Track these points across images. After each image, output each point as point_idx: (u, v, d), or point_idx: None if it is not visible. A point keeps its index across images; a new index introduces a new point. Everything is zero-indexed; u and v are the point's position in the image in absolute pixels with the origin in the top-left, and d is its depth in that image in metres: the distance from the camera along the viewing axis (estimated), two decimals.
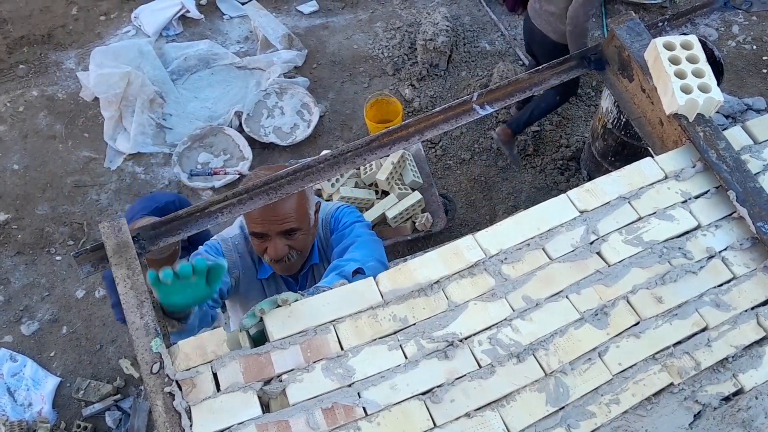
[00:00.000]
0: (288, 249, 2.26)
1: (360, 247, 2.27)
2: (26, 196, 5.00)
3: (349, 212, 2.47)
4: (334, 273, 2.10)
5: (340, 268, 2.12)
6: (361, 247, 2.27)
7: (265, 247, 2.26)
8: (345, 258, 2.21)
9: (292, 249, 2.27)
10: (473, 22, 5.71)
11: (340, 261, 2.19)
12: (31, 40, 5.79)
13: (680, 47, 2.11)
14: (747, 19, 5.56)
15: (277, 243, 2.23)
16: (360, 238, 2.32)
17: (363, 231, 2.37)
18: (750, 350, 1.82)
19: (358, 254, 2.22)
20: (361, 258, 2.19)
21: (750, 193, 1.95)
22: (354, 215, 2.45)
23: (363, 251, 2.25)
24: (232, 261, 2.40)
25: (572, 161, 4.90)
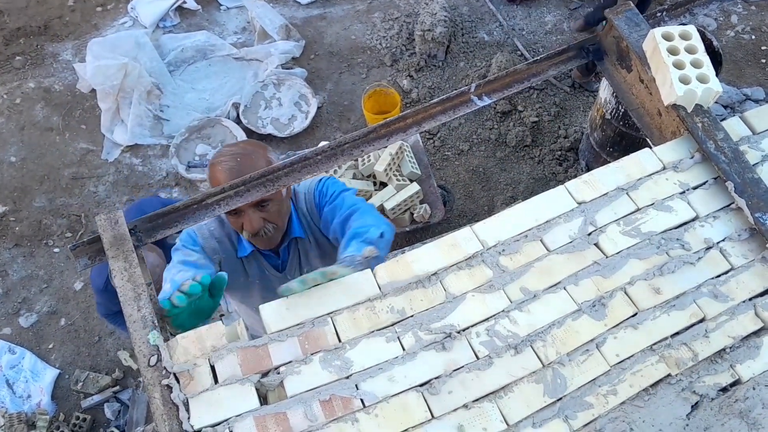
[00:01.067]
0: (263, 222, 2.26)
1: (365, 213, 2.27)
2: (24, 189, 4.99)
3: (333, 182, 2.46)
4: (358, 240, 2.09)
5: (361, 235, 2.12)
6: (366, 214, 2.26)
7: (241, 223, 2.27)
8: (358, 225, 2.19)
9: (267, 222, 2.28)
10: (471, 12, 5.69)
11: (357, 229, 2.17)
12: (27, 32, 5.77)
13: (678, 37, 2.10)
14: (746, 9, 5.55)
15: (251, 216, 2.23)
16: (358, 206, 2.31)
17: (357, 199, 2.38)
18: (748, 341, 1.82)
19: (369, 219, 2.22)
20: (375, 222, 2.20)
21: (748, 184, 1.95)
22: (338, 184, 2.44)
23: (370, 217, 2.25)
24: (211, 247, 2.41)
25: (570, 152, 4.89)
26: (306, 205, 2.47)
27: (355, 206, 2.30)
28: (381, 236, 2.12)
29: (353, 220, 2.24)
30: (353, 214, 2.27)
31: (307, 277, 1.80)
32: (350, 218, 2.26)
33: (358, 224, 2.19)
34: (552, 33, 5.54)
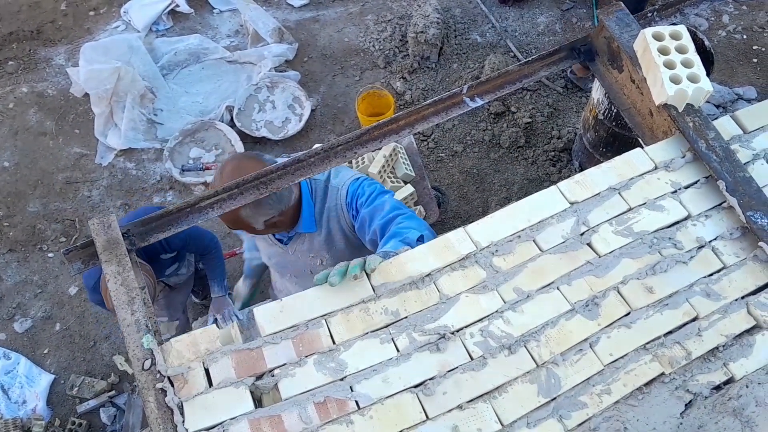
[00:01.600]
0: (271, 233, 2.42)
1: (409, 218, 2.27)
2: (17, 194, 4.98)
3: (370, 183, 2.46)
4: (397, 240, 2.11)
5: (401, 235, 2.13)
6: (410, 218, 2.27)
7: None
8: (400, 227, 2.20)
9: (274, 229, 2.43)
10: (464, 14, 5.70)
11: (399, 229, 2.18)
12: (20, 36, 5.75)
13: (669, 37, 2.11)
14: (737, 8, 5.57)
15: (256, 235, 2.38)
16: (402, 210, 2.31)
17: (399, 203, 2.38)
18: (740, 339, 1.83)
19: (413, 223, 2.23)
20: (417, 227, 2.20)
21: (739, 183, 1.96)
22: (376, 186, 2.45)
23: (414, 221, 2.25)
24: None
25: (564, 153, 4.90)
26: (336, 201, 2.47)
27: (399, 210, 2.30)
28: (420, 239, 2.12)
29: (396, 223, 2.24)
30: (397, 217, 2.27)
31: (348, 269, 1.81)
32: (393, 221, 2.26)
33: (400, 227, 2.20)
34: (544, 34, 5.55)
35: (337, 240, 2.51)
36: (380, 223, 2.29)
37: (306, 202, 2.45)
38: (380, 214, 2.31)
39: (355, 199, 2.42)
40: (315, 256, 2.53)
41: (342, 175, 2.51)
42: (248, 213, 2.24)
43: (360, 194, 2.41)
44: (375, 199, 2.37)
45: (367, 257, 1.83)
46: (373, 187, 2.42)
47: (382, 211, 2.31)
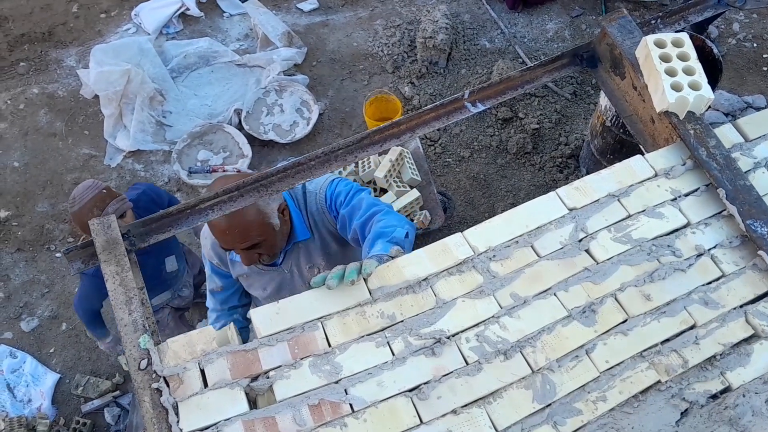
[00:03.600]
0: (257, 256, 2.36)
1: (387, 214, 2.29)
2: (26, 194, 5.02)
3: (345, 183, 2.48)
4: (384, 240, 2.12)
5: (387, 235, 2.15)
6: (388, 214, 2.29)
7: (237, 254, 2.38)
8: (383, 225, 2.21)
9: (261, 254, 2.37)
10: (473, 19, 5.71)
11: (383, 228, 2.19)
12: (31, 38, 5.81)
13: (671, 45, 2.11)
14: (747, 16, 5.55)
15: (243, 256, 2.34)
16: (380, 206, 2.33)
17: (375, 199, 2.40)
18: (738, 348, 1.82)
19: (393, 220, 2.25)
20: (398, 222, 2.23)
21: (740, 191, 1.95)
22: (351, 185, 2.47)
23: (393, 217, 2.27)
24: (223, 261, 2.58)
25: (571, 159, 4.89)
26: (316, 205, 2.49)
27: (376, 207, 2.33)
28: (406, 236, 2.16)
29: (376, 221, 2.26)
30: (376, 214, 2.29)
31: (345, 277, 1.81)
32: (372, 218, 2.28)
33: (382, 224, 2.21)
34: (553, 41, 5.55)
35: (330, 243, 2.53)
36: (359, 222, 2.31)
37: (293, 211, 2.47)
38: (358, 212, 2.34)
39: (334, 200, 2.44)
40: (312, 266, 2.53)
41: (316, 179, 2.50)
42: (259, 205, 2.24)
43: (337, 194, 2.44)
44: (352, 198, 2.40)
45: (363, 261, 1.83)
46: (348, 187, 2.45)
47: (359, 209, 2.34)
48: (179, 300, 3.79)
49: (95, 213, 2.97)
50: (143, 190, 3.44)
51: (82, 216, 2.98)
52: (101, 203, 3.00)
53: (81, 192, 3.02)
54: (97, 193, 3.01)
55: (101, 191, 3.03)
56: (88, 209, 2.98)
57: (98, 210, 2.98)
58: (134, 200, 3.23)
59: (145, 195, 3.40)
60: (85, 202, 2.98)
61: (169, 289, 3.67)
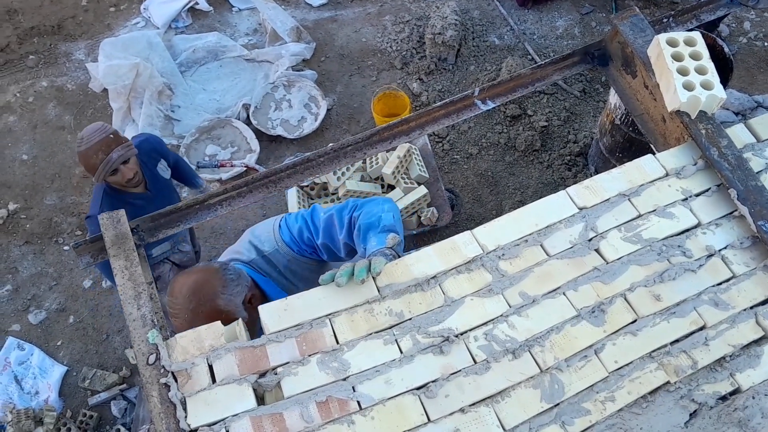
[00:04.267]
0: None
1: (362, 207, 2.14)
2: (35, 187, 5.03)
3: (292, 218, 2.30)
4: (375, 232, 2.02)
5: (375, 226, 2.04)
6: (363, 206, 2.14)
7: None
8: (366, 219, 2.07)
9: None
10: (482, 16, 5.69)
11: (368, 220, 2.07)
12: (41, 31, 5.82)
13: (683, 43, 2.10)
14: (759, 15, 5.51)
15: None
16: (348, 208, 2.17)
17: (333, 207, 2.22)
18: (748, 350, 1.81)
19: (371, 208, 2.11)
20: (378, 209, 2.09)
21: (751, 192, 1.94)
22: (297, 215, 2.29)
23: (370, 205, 2.13)
24: None
25: (580, 157, 4.87)
26: (285, 258, 2.30)
27: (345, 211, 2.17)
28: (394, 218, 2.07)
29: (357, 219, 2.12)
30: (351, 217, 2.15)
31: (356, 276, 1.79)
32: (352, 220, 2.14)
33: (364, 218, 2.09)
34: (563, 38, 5.52)
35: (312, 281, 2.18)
36: (344, 236, 2.17)
37: (266, 284, 2.28)
38: (335, 228, 2.19)
39: (300, 240, 2.27)
40: None
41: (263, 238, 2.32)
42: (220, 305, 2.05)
43: (299, 233, 2.26)
44: (317, 224, 2.24)
45: (371, 259, 1.83)
46: (301, 219, 2.27)
47: (333, 226, 2.19)
48: (180, 255, 3.79)
49: (100, 156, 3.03)
50: (146, 138, 3.52)
51: (88, 158, 3.05)
52: (107, 147, 3.04)
53: (89, 133, 3.07)
54: (104, 137, 3.05)
55: (108, 135, 3.07)
56: (94, 151, 3.03)
57: (103, 154, 3.03)
58: (137, 146, 3.27)
59: (148, 143, 3.47)
60: (92, 144, 3.03)
61: (169, 240, 3.68)
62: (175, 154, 3.80)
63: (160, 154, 3.52)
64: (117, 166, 3.07)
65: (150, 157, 3.40)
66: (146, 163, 3.36)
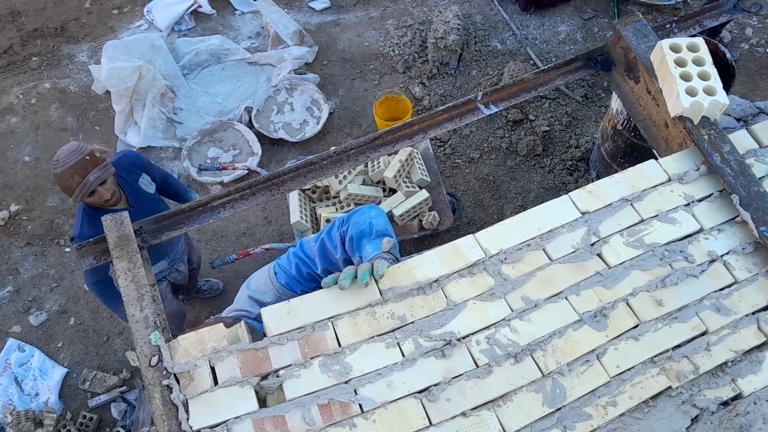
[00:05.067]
0: None
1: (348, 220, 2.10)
2: (37, 188, 5.04)
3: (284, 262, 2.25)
4: (369, 239, 1.99)
5: (369, 233, 2.01)
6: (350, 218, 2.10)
7: None
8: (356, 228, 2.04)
9: None
10: (485, 21, 5.70)
11: (359, 229, 2.03)
12: (44, 33, 5.83)
13: (686, 49, 2.10)
14: (761, 21, 5.52)
15: None
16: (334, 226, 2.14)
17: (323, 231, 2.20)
18: (750, 355, 1.81)
19: (358, 217, 2.08)
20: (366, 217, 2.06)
21: (754, 197, 1.94)
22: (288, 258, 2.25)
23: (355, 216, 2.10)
24: None
25: (581, 162, 4.88)
26: None
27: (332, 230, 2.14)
28: (384, 222, 2.04)
29: (344, 233, 2.09)
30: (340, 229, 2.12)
31: (359, 279, 1.79)
32: (342, 236, 2.10)
33: (354, 228, 2.05)
34: (565, 43, 5.53)
35: None
36: (340, 253, 2.12)
37: None
38: (329, 252, 2.15)
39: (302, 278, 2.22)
40: None
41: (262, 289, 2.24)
42: None
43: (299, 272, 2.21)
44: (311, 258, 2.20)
45: (374, 263, 1.83)
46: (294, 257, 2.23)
47: (327, 250, 2.15)
48: (176, 274, 3.80)
49: (76, 179, 2.97)
50: (124, 153, 3.47)
51: (64, 180, 2.99)
52: (83, 170, 2.98)
53: (65, 155, 3.00)
54: (80, 159, 2.99)
55: (84, 157, 3.01)
56: (70, 174, 2.97)
57: (79, 176, 2.97)
58: (114, 163, 3.24)
59: (126, 158, 3.42)
60: (68, 167, 2.97)
61: (166, 258, 3.68)
62: (163, 171, 3.77)
63: (141, 169, 3.46)
64: (94, 188, 3.02)
65: (129, 172, 3.33)
66: (125, 178, 3.32)
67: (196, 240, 4.65)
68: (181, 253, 3.85)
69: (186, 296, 4.42)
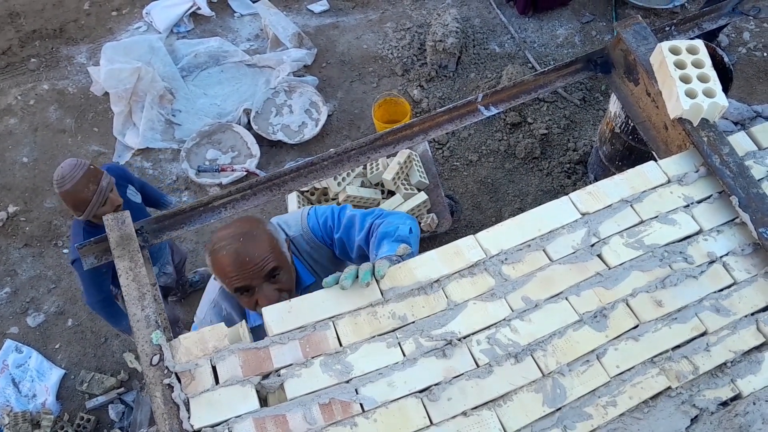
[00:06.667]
0: (278, 293, 2.06)
1: (386, 215, 2.20)
2: (35, 189, 5.03)
3: (321, 211, 2.34)
4: (389, 240, 2.05)
5: (392, 234, 2.07)
6: (387, 216, 2.19)
7: (255, 300, 2.07)
8: (385, 227, 2.11)
9: (282, 290, 2.08)
10: (483, 24, 5.71)
11: (386, 228, 2.10)
12: (43, 34, 5.83)
13: (686, 51, 2.11)
14: (758, 26, 5.54)
15: (265, 290, 2.04)
16: (373, 214, 2.23)
17: (360, 211, 2.28)
18: (749, 356, 1.82)
19: (393, 219, 2.17)
20: (400, 220, 2.15)
21: (753, 199, 1.95)
22: (328, 209, 2.34)
23: (392, 216, 2.19)
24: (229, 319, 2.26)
25: (579, 165, 4.89)
26: (308, 245, 2.33)
27: (370, 216, 2.22)
28: (410, 231, 2.11)
29: (376, 227, 2.17)
30: (372, 222, 2.19)
31: (360, 279, 1.80)
32: (371, 228, 2.18)
33: (384, 227, 2.12)
34: (563, 46, 5.55)
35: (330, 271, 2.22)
36: (361, 237, 2.20)
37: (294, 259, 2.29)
38: (355, 230, 2.22)
39: (323, 229, 2.30)
40: None
41: (290, 222, 2.34)
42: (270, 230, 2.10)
43: (324, 222, 2.30)
44: (341, 220, 2.27)
45: (375, 263, 1.84)
46: (329, 211, 2.31)
47: (354, 226, 2.23)
48: (164, 278, 3.83)
49: (91, 188, 3.00)
50: (109, 167, 3.50)
51: (77, 193, 3.00)
52: (94, 178, 3.02)
53: (70, 171, 3.02)
54: (87, 170, 3.03)
55: (89, 167, 3.05)
56: (83, 185, 2.99)
57: (93, 185, 3.01)
58: None
59: (113, 171, 3.46)
60: (79, 179, 2.99)
61: (156, 264, 3.70)
62: (139, 179, 3.83)
63: (127, 180, 3.53)
64: (107, 194, 3.05)
65: (118, 185, 3.36)
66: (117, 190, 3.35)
67: (195, 242, 4.66)
68: (167, 256, 3.89)
69: (179, 295, 4.42)
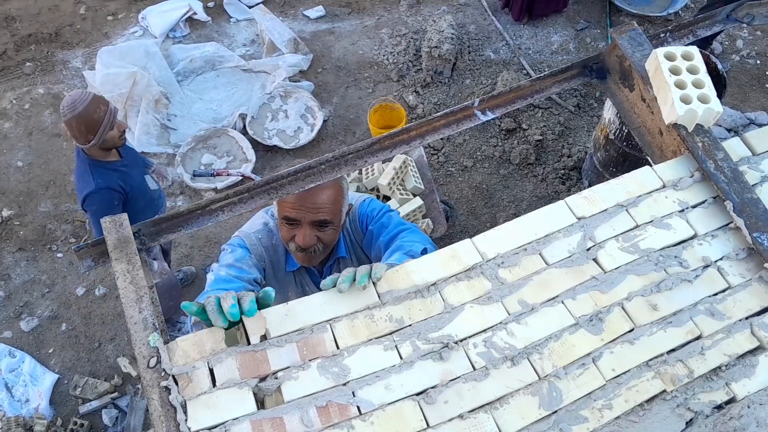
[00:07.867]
0: (316, 240, 2.26)
1: (412, 233, 2.32)
2: (29, 193, 5.03)
3: (377, 203, 2.51)
4: (401, 252, 2.14)
5: (405, 248, 2.17)
6: (413, 233, 2.31)
7: (293, 235, 2.26)
8: (405, 240, 2.25)
9: (320, 241, 2.28)
10: (478, 30, 5.74)
11: (402, 242, 2.24)
12: (38, 38, 5.83)
13: (681, 58, 2.13)
14: (751, 33, 5.58)
15: (306, 231, 2.23)
16: (406, 226, 2.36)
17: (404, 221, 2.43)
18: (743, 359, 1.82)
19: (416, 237, 2.28)
20: (420, 240, 2.25)
21: (747, 204, 1.96)
22: (380, 204, 2.50)
23: (417, 236, 2.30)
24: (258, 254, 2.40)
25: (574, 171, 4.91)
26: (350, 224, 2.49)
27: (403, 226, 2.35)
28: (424, 251, 2.16)
29: (400, 238, 2.29)
30: (401, 232, 2.32)
31: (357, 282, 1.81)
32: (397, 236, 2.31)
33: (402, 240, 2.25)
34: (558, 53, 5.58)
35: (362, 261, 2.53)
36: (385, 239, 2.34)
37: None
38: (385, 230, 2.36)
39: (366, 217, 2.46)
40: None
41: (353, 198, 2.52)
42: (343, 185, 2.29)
43: (370, 212, 2.46)
44: (382, 217, 2.42)
45: (372, 265, 1.85)
46: (380, 206, 2.48)
47: (387, 227, 2.37)
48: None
49: (102, 109, 3.07)
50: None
51: (90, 114, 3.06)
52: (103, 101, 3.09)
53: (79, 96, 3.08)
54: (93, 95, 3.10)
55: (93, 93, 3.12)
56: (95, 106, 3.06)
57: (103, 105, 3.08)
58: None
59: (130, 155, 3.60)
60: (89, 101, 3.05)
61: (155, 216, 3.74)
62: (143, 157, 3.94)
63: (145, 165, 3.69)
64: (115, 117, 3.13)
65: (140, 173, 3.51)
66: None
67: (189, 246, 4.65)
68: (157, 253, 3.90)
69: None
